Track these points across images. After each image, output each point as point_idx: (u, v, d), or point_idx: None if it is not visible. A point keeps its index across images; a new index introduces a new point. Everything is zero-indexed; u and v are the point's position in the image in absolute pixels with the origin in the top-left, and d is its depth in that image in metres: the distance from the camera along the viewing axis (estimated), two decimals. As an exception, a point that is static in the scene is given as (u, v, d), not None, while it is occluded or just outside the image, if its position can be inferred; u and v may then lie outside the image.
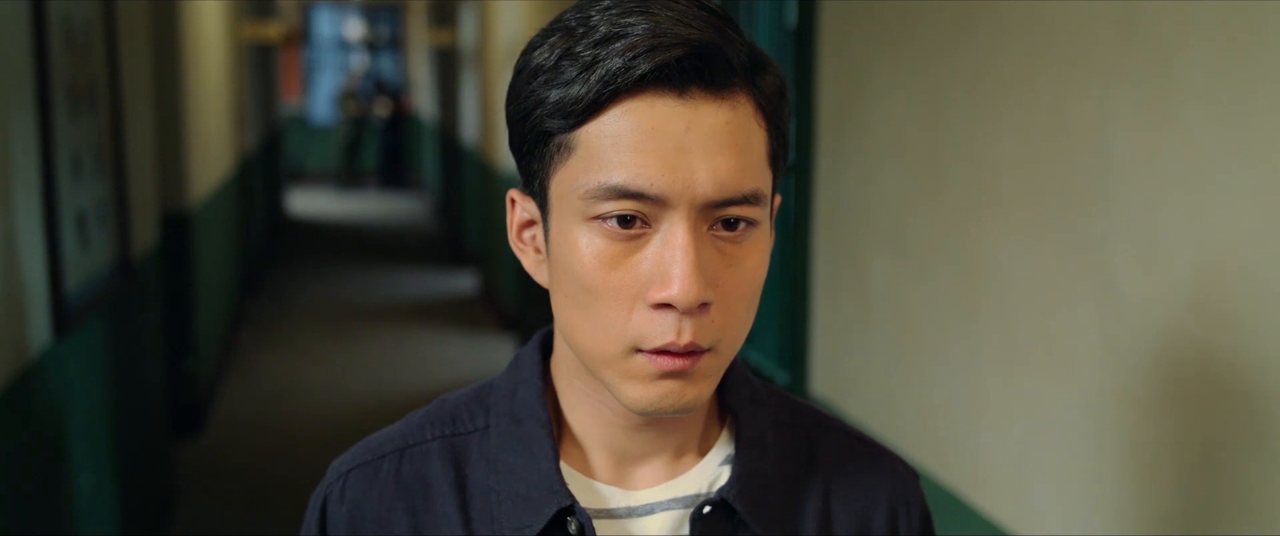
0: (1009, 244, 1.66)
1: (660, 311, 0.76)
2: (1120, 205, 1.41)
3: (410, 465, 0.88)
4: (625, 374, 0.78)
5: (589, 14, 0.77)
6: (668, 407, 0.79)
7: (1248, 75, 1.20)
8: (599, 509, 0.86)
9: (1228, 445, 1.26)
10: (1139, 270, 1.38)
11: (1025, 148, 1.61)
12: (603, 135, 0.75)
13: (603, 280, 0.77)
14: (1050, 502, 1.58)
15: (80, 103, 2.88)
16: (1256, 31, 1.19)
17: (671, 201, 0.75)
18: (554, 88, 0.77)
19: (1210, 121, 1.26)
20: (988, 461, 1.73)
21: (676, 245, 0.75)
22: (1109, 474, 1.45)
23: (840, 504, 0.91)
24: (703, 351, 0.77)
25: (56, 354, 2.57)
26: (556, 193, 0.79)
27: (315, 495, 0.91)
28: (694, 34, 0.74)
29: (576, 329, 0.80)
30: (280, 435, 5.15)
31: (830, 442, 0.94)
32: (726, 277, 0.78)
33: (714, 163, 0.75)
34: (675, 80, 0.75)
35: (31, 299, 2.41)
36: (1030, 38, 1.59)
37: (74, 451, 2.71)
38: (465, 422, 0.90)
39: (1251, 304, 1.21)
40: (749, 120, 0.78)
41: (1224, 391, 1.26)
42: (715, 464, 0.89)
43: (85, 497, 2.81)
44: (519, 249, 0.86)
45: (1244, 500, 1.24)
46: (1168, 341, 1.34)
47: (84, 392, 2.86)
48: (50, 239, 2.54)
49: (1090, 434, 1.49)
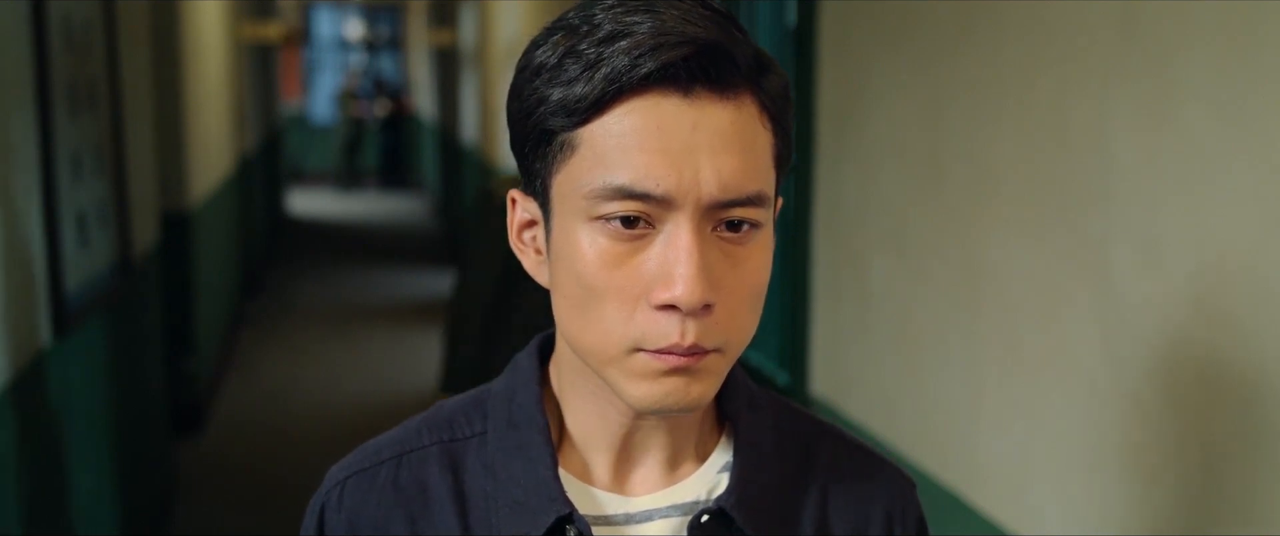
0: (1009, 244, 1.66)
1: (663, 312, 0.75)
2: (1120, 205, 1.41)
3: (408, 471, 0.88)
4: (628, 372, 0.78)
5: (592, 12, 0.76)
6: (672, 405, 0.78)
7: (1248, 75, 1.20)
8: (597, 515, 0.86)
9: (1228, 445, 1.26)
10: (1139, 270, 1.38)
11: (1025, 148, 1.61)
12: (607, 134, 0.75)
13: (605, 280, 0.76)
14: (1050, 503, 1.58)
15: (80, 103, 2.88)
16: (1256, 31, 1.19)
17: (676, 202, 0.74)
18: (557, 86, 0.76)
19: (1210, 121, 1.26)
20: (987, 461, 1.73)
21: (681, 246, 0.75)
22: (1109, 474, 1.45)
23: (837, 511, 0.91)
24: (707, 351, 0.77)
25: (56, 354, 2.57)
26: (559, 192, 0.78)
27: (313, 501, 0.90)
28: (700, 32, 0.74)
29: (578, 328, 0.80)
30: (280, 435, 5.15)
31: (828, 449, 0.93)
32: (730, 279, 0.77)
33: (719, 163, 0.75)
34: (680, 79, 0.74)
35: (32, 299, 2.40)
36: (1030, 38, 1.59)
37: (74, 451, 2.71)
38: (463, 428, 0.89)
39: (1251, 303, 1.21)
40: (754, 120, 0.77)
41: (1224, 391, 1.26)
42: (713, 471, 0.89)
43: (85, 497, 2.81)
44: (519, 249, 0.86)
45: (1243, 500, 1.24)
46: (1167, 341, 1.34)
47: (84, 392, 2.86)
48: (50, 239, 2.54)
49: (1090, 434, 1.49)
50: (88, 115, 2.97)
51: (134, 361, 3.57)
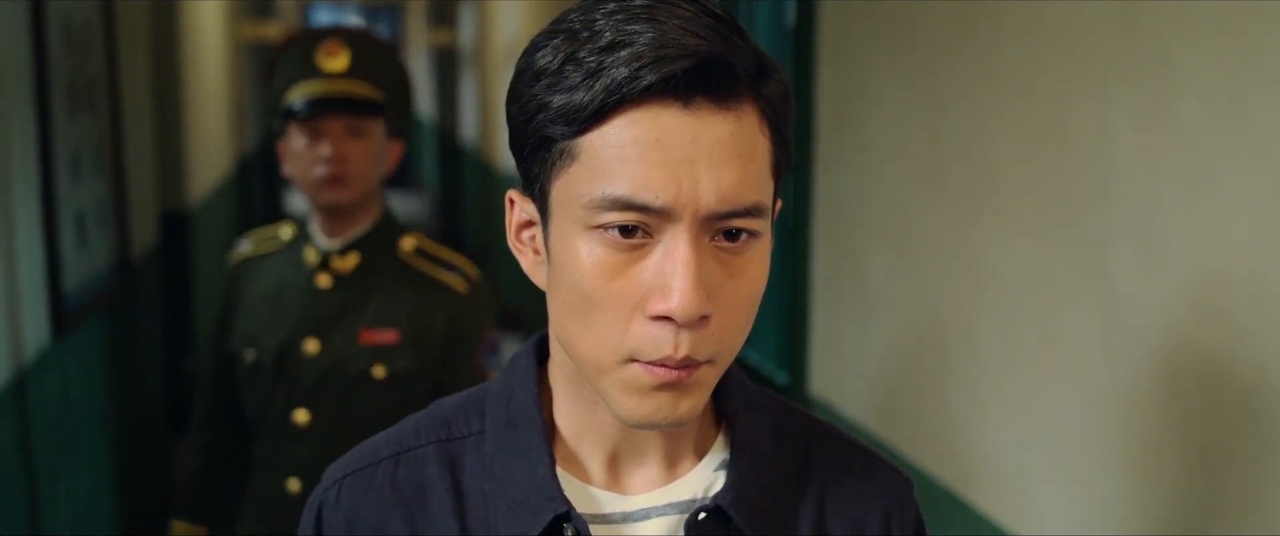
0: (1008, 243, 1.66)
1: (658, 323, 0.76)
2: (1120, 205, 1.41)
3: (406, 470, 0.88)
4: (620, 384, 0.78)
5: (594, 17, 0.76)
6: (662, 420, 0.78)
7: (1247, 74, 1.20)
8: (594, 514, 0.86)
9: (1227, 444, 1.26)
10: (1138, 269, 1.38)
11: (1025, 147, 1.61)
12: (606, 145, 0.75)
13: (602, 289, 0.76)
14: (1049, 502, 1.58)
15: (79, 103, 2.88)
16: (1255, 31, 1.19)
17: (674, 213, 0.74)
18: (557, 93, 0.76)
19: (1210, 120, 1.25)
20: (987, 461, 1.73)
21: (678, 258, 0.75)
22: (1108, 473, 1.45)
23: (834, 510, 0.91)
24: (699, 364, 0.77)
25: (55, 354, 2.57)
26: (557, 198, 0.78)
27: (311, 500, 0.90)
28: (701, 44, 0.74)
29: (573, 335, 0.80)
30: (280, 435, 5.13)
31: (826, 449, 0.93)
32: (726, 289, 0.77)
33: (718, 175, 0.74)
34: (680, 91, 0.74)
35: (30, 299, 2.40)
36: (1030, 38, 1.59)
37: (74, 451, 2.71)
38: (460, 427, 0.90)
39: (1251, 303, 1.21)
40: (754, 130, 0.77)
41: (1223, 390, 1.26)
42: (711, 469, 0.89)
43: (85, 497, 2.81)
44: (517, 249, 0.86)
45: (1243, 499, 1.24)
46: (1167, 340, 1.34)
47: (83, 393, 2.86)
48: (49, 239, 2.54)
49: (1089, 433, 1.49)
50: (87, 115, 2.96)
51: (133, 361, 3.57)
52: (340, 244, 1.95)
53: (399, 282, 1.95)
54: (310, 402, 1.92)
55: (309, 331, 1.93)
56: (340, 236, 1.95)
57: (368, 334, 1.92)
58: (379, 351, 1.92)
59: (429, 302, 1.94)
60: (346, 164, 1.88)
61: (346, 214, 1.93)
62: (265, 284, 2.00)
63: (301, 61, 1.92)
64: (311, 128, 1.88)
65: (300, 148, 1.90)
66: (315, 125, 1.88)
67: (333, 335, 1.92)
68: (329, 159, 1.87)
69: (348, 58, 1.92)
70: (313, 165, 1.88)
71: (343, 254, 1.95)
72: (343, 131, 1.88)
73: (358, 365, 1.91)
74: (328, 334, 1.92)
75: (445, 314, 1.94)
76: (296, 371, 1.93)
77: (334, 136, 1.88)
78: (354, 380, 1.91)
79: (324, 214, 1.93)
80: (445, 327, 1.94)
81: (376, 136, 1.93)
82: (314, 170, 1.88)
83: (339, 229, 1.95)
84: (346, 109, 1.88)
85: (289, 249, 2.01)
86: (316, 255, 1.95)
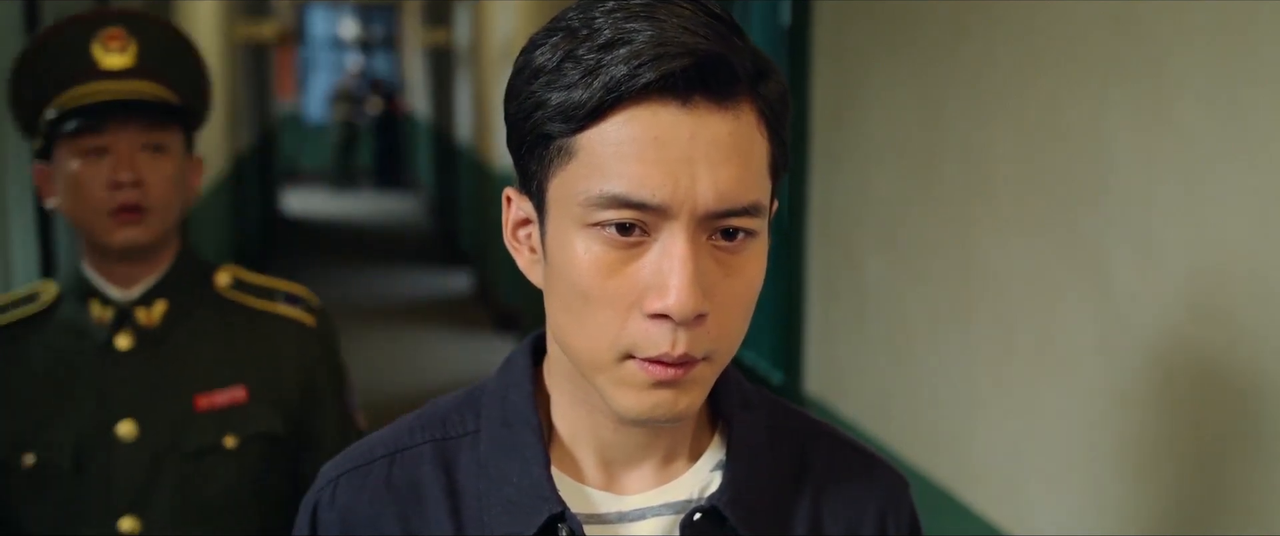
0: (1005, 243, 1.66)
1: (655, 321, 0.76)
2: (1116, 204, 1.41)
3: (401, 469, 0.88)
4: (617, 381, 0.78)
5: (593, 15, 0.76)
6: (660, 416, 0.79)
7: (1244, 74, 1.20)
8: (589, 514, 0.86)
9: (1223, 444, 1.26)
10: (1135, 269, 1.38)
11: (1021, 147, 1.61)
12: (604, 142, 0.75)
13: (599, 287, 0.76)
14: (1045, 501, 1.58)
15: (74, 102, 2.86)
16: (1252, 30, 1.19)
17: (672, 211, 0.74)
18: (556, 90, 0.76)
19: (1206, 120, 1.26)
20: (982, 460, 1.73)
21: (675, 256, 0.75)
22: (1104, 473, 1.45)
23: (830, 510, 0.91)
24: (696, 361, 0.77)
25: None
26: (555, 196, 0.78)
27: (306, 499, 0.91)
28: (700, 43, 0.74)
29: (569, 333, 0.80)
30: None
31: (822, 449, 0.93)
32: (723, 287, 0.77)
33: (716, 173, 0.75)
34: (679, 89, 0.74)
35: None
36: (1026, 38, 1.59)
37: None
38: (456, 426, 0.90)
39: (1247, 302, 1.21)
40: (752, 129, 0.77)
41: (1219, 390, 1.26)
42: (707, 469, 0.89)
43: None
44: (514, 247, 0.86)
45: (1239, 499, 1.24)
46: (1163, 340, 1.34)
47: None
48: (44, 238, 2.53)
49: (1085, 433, 1.49)
50: (81, 114, 2.95)
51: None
52: (140, 291, 1.51)
53: (228, 326, 1.56)
54: (138, 506, 1.48)
55: (119, 412, 1.48)
56: (139, 283, 1.52)
57: (205, 397, 1.51)
58: (225, 416, 1.52)
59: (271, 343, 1.57)
60: (145, 190, 1.45)
61: (143, 256, 1.51)
62: (32, 363, 1.50)
63: (72, 56, 1.47)
64: (92, 144, 1.44)
65: (76, 171, 1.45)
66: (97, 141, 1.44)
67: (154, 409, 1.49)
68: (122, 184, 1.44)
69: (135, 50, 1.49)
70: (97, 194, 1.44)
71: (147, 303, 1.51)
72: (136, 147, 1.46)
73: (198, 440, 1.50)
74: (146, 409, 1.49)
75: (293, 353, 1.58)
76: (108, 469, 1.47)
77: (125, 154, 1.45)
78: (195, 459, 1.50)
79: (113, 258, 1.50)
80: (298, 370, 1.57)
81: (176, 152, 1.51)
82: (99, 201, 1.44)
83: (135, 274, 1.51)
84: (140, 116, 1.46)
85: (56, 312, 1.52)
86: (109, 311, 1.50)
